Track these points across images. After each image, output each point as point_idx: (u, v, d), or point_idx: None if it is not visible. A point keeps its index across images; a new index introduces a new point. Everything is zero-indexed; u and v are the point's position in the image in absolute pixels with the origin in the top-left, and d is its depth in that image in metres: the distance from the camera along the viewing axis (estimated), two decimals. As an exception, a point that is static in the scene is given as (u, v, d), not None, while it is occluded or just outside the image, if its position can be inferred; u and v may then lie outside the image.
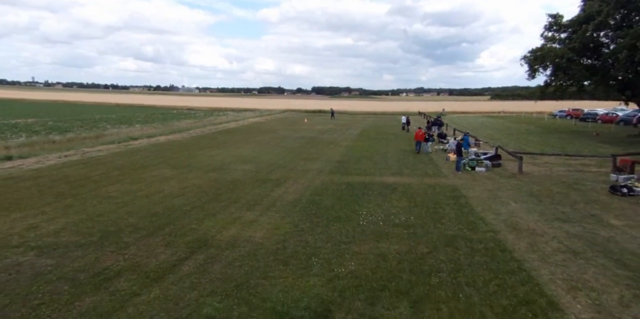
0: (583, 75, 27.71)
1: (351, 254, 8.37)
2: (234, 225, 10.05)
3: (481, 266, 7.82)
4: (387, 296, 6.65)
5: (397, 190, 13.89)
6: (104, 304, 6.24)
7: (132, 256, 8.06)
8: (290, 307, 6.25)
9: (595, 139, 28.61)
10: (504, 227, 10.11)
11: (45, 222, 9.80)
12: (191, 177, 15.34)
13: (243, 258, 8.13)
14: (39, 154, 18.58)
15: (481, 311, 6.20)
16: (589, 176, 16.26)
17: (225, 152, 22.03)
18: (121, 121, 41.66)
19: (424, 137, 22.06)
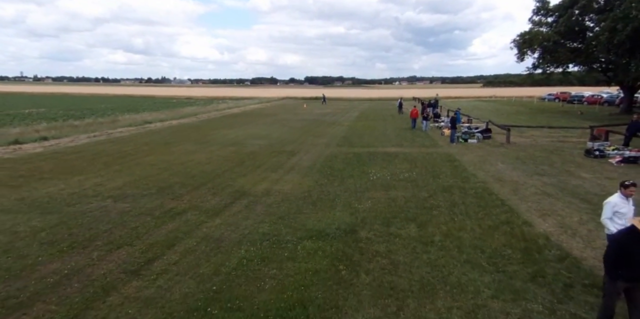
0: (568, 57, 29.61)
1: (366, 198, 10.26)
2: (264, 182, 11.90)
3: (472, 203, 9.76)
4: (398, 221, 8.55)
5: (398, 157, 15.78)
6: (182, 227, 8.10)
7: (189, 201, 9.89)
8: (325, 228, 8.13)
9: (580, 117, 30.66)
10: (492, 180, 12.06)
11: (107, 182, 11.58)
12: (214, 150, 17.11)
13: (278, 202, 9.99)
14: (70, 135, 20.22)
15: (472, 228, 8.14)
16: (569, 144, 18.27)
17: (237, 131, 23.77)
18: (128, 109, 43.02)
19: (423, 117, 23.76)
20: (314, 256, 6.80)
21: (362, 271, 6.28)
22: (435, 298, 5.46)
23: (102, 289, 5.61)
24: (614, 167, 13.54)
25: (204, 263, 6.54)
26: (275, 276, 6.10)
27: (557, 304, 5.25)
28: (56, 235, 7.51)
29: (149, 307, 5.20)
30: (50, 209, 9.03)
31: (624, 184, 5.69)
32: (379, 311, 5.16)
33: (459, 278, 6.01)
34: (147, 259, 6.61)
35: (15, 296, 5.41)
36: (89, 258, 6.61)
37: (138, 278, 5.99)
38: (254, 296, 5.51)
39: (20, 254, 6.67)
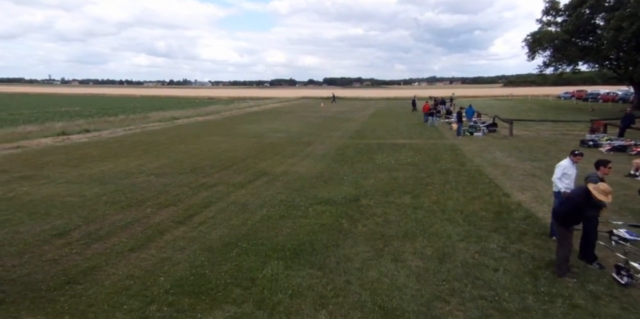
0: (577, 55, 30.29)
1: (371, 177, 11.76)
2: (282, 165, 13.54)
3: (463, 181, 11.14)
4: (396, 193, 10.03)
5: (405, 147, 17.18)
6: (214, 195, 9.80)
7: (219, 178, 11.61)
8: (333, 197, 9.68)
9: (591, 114, 31.22)
10: (487, 164, 13.38)
11: (148, 163, 13.46)
12: (237, 141, 18.90)
13: (294, 179, 11.59)
14: (109, 128, 22.40)
15: (457, 197, 9.55)
16: (570, 137, 19.28)
17: (258, 126, 25.57)
18: (155, 107, 45.56)
19: (431, 112, 24.96)
20: (322, 215, 8.37)
21: (359, 225, 7.81)
22: (414, 241, 6.95)
23: (158, 231, 7.33)
24: (603, 155, 14.61)
25: (234, 217, 8.20)
26: (290, 227, 7.70)
27: (509, 244, 6.68)
28: (115, 198, 9.33)
29: (194, 242, 6.88)
30: (106, 181, 10.91)
31: (574, 153, 7.08)
32: (369, 248, 6.69)
33: (437, 229, 7.47)
34: (189, 214, 8.32)
35: (95, 233, 7.19)
36: (144, 212, 8.36)
37: (184, 225, 7.69)
38: (273, 238, 7.12)
39: (91, 209, 8.49)
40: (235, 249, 6.56)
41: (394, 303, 4.96)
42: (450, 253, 6.44)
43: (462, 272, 5.77)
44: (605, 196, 5.25)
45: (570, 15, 30.38)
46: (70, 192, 9.78)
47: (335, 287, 5.35)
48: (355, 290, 5.28)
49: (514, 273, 5.68)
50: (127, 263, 5.95)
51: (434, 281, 5.52)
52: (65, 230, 7.24)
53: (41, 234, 7.08)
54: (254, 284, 5.39)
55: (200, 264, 5.98)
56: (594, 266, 5.72)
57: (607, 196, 5.26)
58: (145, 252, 6.37)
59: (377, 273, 5.76)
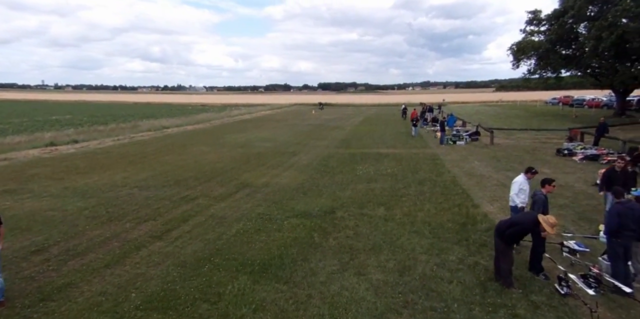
0: (560, 63, 30.98)
1: (349, 188, 12.12)
2: (265, 176, 13.87)
3: (437, 192, 11.53)
4: (371, 205, 10.39)
5: (388, 156, 17.58)
6: (194, 208, 10.11)
7: (201, 191, 11.91)
8: (309, 210, 10.02)
9: (574, 120, 31.88)
10: (463, 174, 13.80)
11: (133, 175, 13.74)
12: (224, 151, 19.21)
13: (275, 191, 11.92)
14: (97, 139, 22.64)
15: (428, 209, 9.93)
16: (548, 145, 19.78)
17: (246, 135, 25.90)
18: (146, 115, 45.73)
19: (414, 123, 25.08)
20: (296, 228, 8.71)
21: (331, 238, 8.15)
22: (380, 254, 7.31)
23: (135, 247, 7.62)
24: (576, 163, 15.10)
25: (210, 232, 8.51)
26: (264, 241, 8.02)
27: (467, 256, 7.05)
28: (97, 212, 9.61)
29: (169, 257, 7.18)
30: (90, 194, 11.17)
31: (529, 170, 7.51)
32: (336, 261, 7.03)
33: (403, 242, 7.83)
34: (167, 229, 8.62)
35: (73, 249, 7.47)
36: (123, 227, 8.65)
37: (161, 240, 7.99)
38: (245, 252, 7.44)
39: (72, 224, 8.76)
40: (207, 264, 6.87)
41: (350, 316, 5.30)
42: (411, 265, 6.80)
43: (419, 284, 6.12)
44: (551, 228, 5.66)
45: (552, 24, 31.11)
46: (52, 206, 10.04)
47: (297, 301, 5.68)
48: (315, 304, 5.61)
49: (466, 284, 6.04)
50: (102, 280, 6.24)
51: (391, 293, 5.87)
52: (44, 246, 7.51)
53: (20, 250, 7.34)
54: (220, 299, 5.70)
55: (172, 279, 6.28)
56: (540, 277, 6.10)
57: (552, 228, 5.66)
58: (120, 268, 6.67)
59: (339, 286, 6.09)
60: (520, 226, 5.96)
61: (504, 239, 5.98)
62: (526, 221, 5.99)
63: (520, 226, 5.97)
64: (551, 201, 10.31)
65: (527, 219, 6.07)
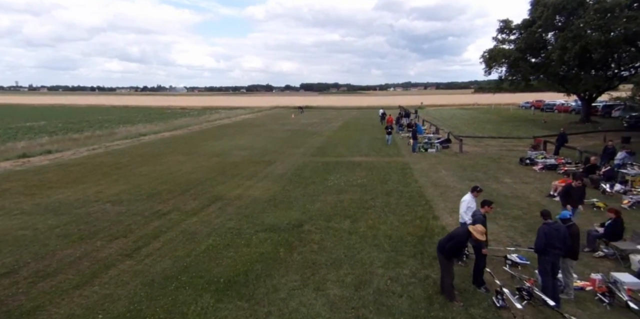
0: (529, 71, 32.23)
1: (319, 200, 12.57)
2: (238, 188, 14.20)
3: (402, 204, 12.10)
4: (338, 218, 10.86)
5: (361, 165, 18.12)
6: (166, 224, 10.38)
7: (174, 204, 12.18)
8: (279, 223, 10.42)
9: (542, 125, 33.17)
10: (429, 185, 14.43)
11: (106, 189, 13.87)
12: (200, 161, 19.41)
13: (247, 204, 12.28)
14: (72, 148, 22.48)
15: (391, 221, 10.46)
16: (514, 153, 20.69)
17: (224, 142, 26.09)
18: (123, 121, 45.27)
19: (388, 131, 25.58)
20: (264, 243, 9.10)
21: (295, 253, 8.58)
22: (340, 269, 7.77)
23: (105, 266, 7.89)
24: (536, 173, 15.93)
25: (180, 248, 8.82)
26: (231, 257, 8.39)
27: (420, 270, 7.59)
28: (68, 230, 9.78)
29: (137, 276, 7.47)
30: (62, 211, 11.30)
31: (475, 189, 8.09)
32: (298, 277, 7.46)
33: (363, 256, 8.32)
34: (137, 246, 8.89)
35: (43, 270, 7.68)
36: (94, 246, 8.88)
37: (130, 259, 8.27)
38: (212, 269, 7.79)
39: (43, 244, 8.93)
40: (174, 282, 7.20)
41: (304, 332, 5.74)
42: (367, 280, 7.28)
43: (372, 299, 6.61)
44: (481, 235, 6.23)
45: (522, 33, 32.32)
46: (24, 225, 10.16)
47: (256, 318, 6.08)
48: (273, 320, 6.02)
49: (414, 298, 6.56)
50: (70, 301, 6.50)
51: (345, 308, 6.33)
52: (14, 268, 7.70)
53: (-10, 272, 7.52)
54: None
55: (139, 299, 6.60)
56: (481, 290, 6.67)
57: (482, 235, 6.24)
58: (89, 289, 6.94)
59: (297, 303, 6.52)
60: (456, 239, 6.50)
61: (445, 254, 6.52)
62: (460, 234, 6.55)
63: (455, 239, 6.51)
64: (505, 212, 11.09)
65: (460, 232, 6.64)
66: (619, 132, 24.08)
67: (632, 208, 10.74)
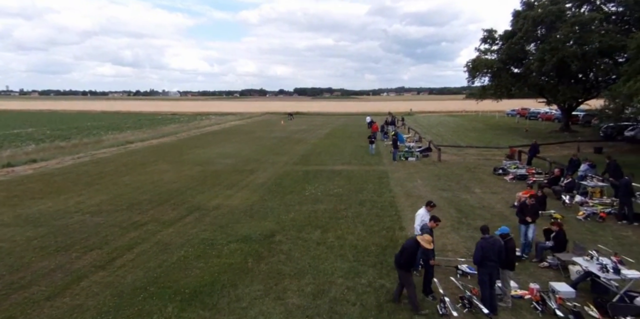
0: (510, 81, 33.12)
1: (294, 210, 13.01)
2: (218, 198, 14.61)
3: (373, 214, 12.57)
4: (309, 228, 11.31)
5: (341, 174, 18.61)
6: (142, 235, 10.76)
7: (152, 215, 12.55)
8: (252, 234, 10.83)
9: (524, 134, 33.97)
10: (402, 195, 14.94)
11: (87, 200, 14.20)
12: (184, 170, 19.78)
13: (224, 214, 12.69)
14: (57, 157, 22.72)
15: (359, 232, 10.93)
16: (490, 162, 21.30)
17: (210, 150, 26.46)
18: (112, 127, 45.43)
19: (370, 140, 25.89)
20: (234, 254, 9.52)
21: (263, 263, 9.01)
22: (302, 278, 8.21)
23: (78, 277, 8.26)
24: (506, 183, 16.52)
25: (152, 259, 9.21)
26: (201, 268, 8.79)
27: (377, 279, 8.06)
28: (45, 242, 10.13)
29: (108, 287, 7.85)
30: (41, 223, 11.63)
31: (429, 204, 8.60)
32: (261, 287, 7.88)
33: (327, 266, 8.77)
34: (111, 258, 9.26)
35: (17, 282, 8.03)
36: (69, 258, 9.24)
37: (103, 270, 8.64)
38: (181, 280, 8.19)
39: (19, 256, 9.27)
40: (142, 293, 7.59)
41: (258, 340, 6.16)
42: (326, 289, 7.73)
43: (327, 308, 7.05)
44: (429, 244, 6.73)
45: (504, 44, 33.23)
46: (2, 237, 10.48)
47: (216, 327, 6.50)
48: (232, 329, 6.44)
49: (367, 306, 7.02)
50: (40, 312, 6.87)
51: (300, 317, 6.77)
52: (-11, 280, 8.04)
53: (-34, 284, 7.85)
54: (147, 328, 6.46)
55: (107, 310, 6.98)
56: (429, 298, 7.15)
57: (430, 244, 6.74)
58: (60, 300, 7.30)
59: (257, 311, 6.95)
60: (407, 252, 6.95)
61: (403, 267, 6.98)
62: (410, 246, 6.99)
63: (407, 251, 6.96)
64: (469, 223, 11.64)
65: (409, 243, 7.06)
66: (594, 143, 24.87)
67: (587, 220, 11.33)
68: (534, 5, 32.61)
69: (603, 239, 10.06)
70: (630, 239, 9.99)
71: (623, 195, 10.93)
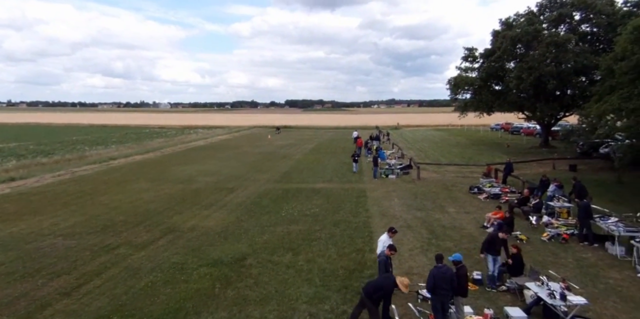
0: (490, 99, 33.95)
1: (269, 232, 13.13)
2: (194, 218, 14.67)
3: (347, 235, 12.74)
4: (281, 251, 11.43)
5: (320, 193, 18.79)
6: (113, 259, 10.78)
7: (125, 238, 12.57)
8: (223, 257, 10.92)
9: (505, 150, 34.61)
10: (377, 214, 15.16)
11: (62, 221, 14.16)
12: (164, 188, 19.80)
13: (198, 236, 12.76)
14: (37, 175, 22.58)
15: (330, 254, 11.08)
16: (468, 180, 21.69)
17: (192, 167, 26.49)
18: (97, 142, 45.19)
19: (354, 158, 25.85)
20: (203, 279, 9.60)
21: (230, 289, 9.10)
22: (267, 304, 8.32)
23: (41, 306, 8.26)
24: (480, 202, 16.85)
25: (120, 285, 9.24)
26: (168, 294, 8.85)
27: (340, 305, 8.20)
28: (13, 268, 10.10)
29: (71, 316, 7.88)
30: (11, 247, 11.58)
31: (391, 230, 8.84)
32: (225, 314, 7.98)
33: (293, 292, 8.89)
34: (78, 284, 9.28)
35: (-20, 310, 8.01)
36: (35, 284, 9.23)
37: (68, 297, 8.65)
38: (147, 307, 8.24)
39: (-15, 282, 9.24)
40: (105, 322, 7.63)
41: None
42: (288, 316, 7.85)
43: (287, 336, 7.16)
44: (405, 287, 6.96)
45: (484, 62, 34.17)
46: (-30, 262, 10.42)
47: (173, 357, 6.56)
48: (189, 359, 6.51)
49: (325, 335, 7.15)
50: (-2, 344, 6.87)
51: (259, 346, 6.87)
52: (-50, 310, 8.01)
53: None
54: (105, 359, 6.50)
55: (66, 340, 7.01)
56: (387, 326, 7.31)
57: (406, 288, 6.97)
58: (20, 330, 7.31)
59: (217, 340, 7.03)
60: (385, 290, 7.15)
61: (374, 302, 7.14)
62: (387, 285, 7.16)
63: (384, 290, 7.15)
64: (438, 244, 11.86)
65: (388, 283, 7.21)
66: (570, 160, 25.46)
67: (551, 241, 11.64)
68: (512, 25, 33.69)
69: (564, 261, 10.36)
70: (589, 261, 10.29)
71: (583, 217, 11.28)
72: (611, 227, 10.80)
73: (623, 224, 10.87)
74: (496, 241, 9.27)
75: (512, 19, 34.35)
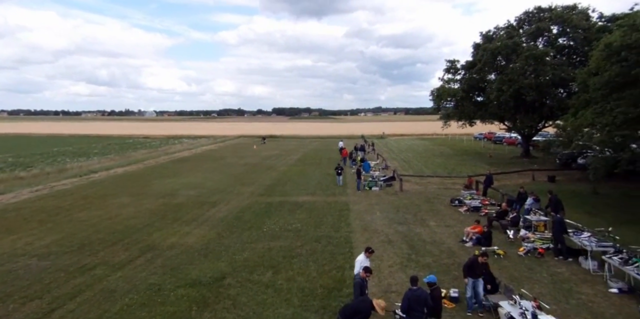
0: (472, 110, 34.62)
1: (249, 248, 13.06)
2: (175, 235, 14.50)
3: (328, 251, 12.75)
4: (261, 269, 11.37)
5: (302, 206, 18.77)
6: (88, 281, 10.57)
7: (102, 257, 12.34)
8: (202, 277, 10.80)
9: (487, 160, 35.18)
10: (359, 229, 15.22)
11: (37, 240, 13.84)
12: (145, 203, 19.54)
13: (177, 255, 12.61)
14: (14, 190, 22.07)
15: (310, 272, 11.07)
16: (450, 192, 21.95)
17: (175, 180, 26.20)
18: (78, 153, 44.43)
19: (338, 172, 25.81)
20: (180, 301, 9.47)
21: (207, 311, 9.00)
22: (243, 328, 8.25)
23: (11, 332, 8.04)
24: (460, 215, 17.06)
25: (94, 309, 9.06)
26: (144, 317, 8.71)
27: (316, 328, 8.17)
28: (-17, 292, 9.81)
29: (42, 343, 7.68)
30: (-18, 269, 11.26)
31: (367, 250, 8.90)
32: (201, 338, 7.88)
33: (270, 314, 8.84)
34: (51, 309, 9.06)
35: (-54, 340, 7.75)
36: (5, 310, 8.98)
37: (40, 323, 8.44)
38: (120, 332, 8.09)
39: (-48, 309, 8.95)
40: (76, 350, 7.46)
41: None
42: (265, 340, 7.79)
43: (263, 361, 7.10)
44: (382, 310, 6.99)
45: (466, 74, 34.90)
46: (-63, 286, 10.09)
47: None
48: None
49: (301, 360, 7.11)
50: (-38, 377, 6.65)
51: (233, 373, 6.79)
52: None
53: None
54: None
55: (34, 371, 6.82)
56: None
57: (382, 310, 7.00)
58: (-14, 361, 7.09)
59: (191, 367, 6.93)
60: (363, 314, 7.15)
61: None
62: (365, 308, 7.16)
63: (362, 314, 7.15)
64: (418, 260, 11.95)
65: (365, 306, 7.19)
66: (549, 171, 26.00)
67: (527, 255, 11.85)
68: (492, 38, 34.57)
69: (538, 276, 10.54)
70: (563, 276, 10.50)
71: (556, 231, 11.53)
72: (584, 242, 11.05)
73: (595, 239, 11.13)
74: (475, 265, 9.26)
75: (492, 32, 35.33)
